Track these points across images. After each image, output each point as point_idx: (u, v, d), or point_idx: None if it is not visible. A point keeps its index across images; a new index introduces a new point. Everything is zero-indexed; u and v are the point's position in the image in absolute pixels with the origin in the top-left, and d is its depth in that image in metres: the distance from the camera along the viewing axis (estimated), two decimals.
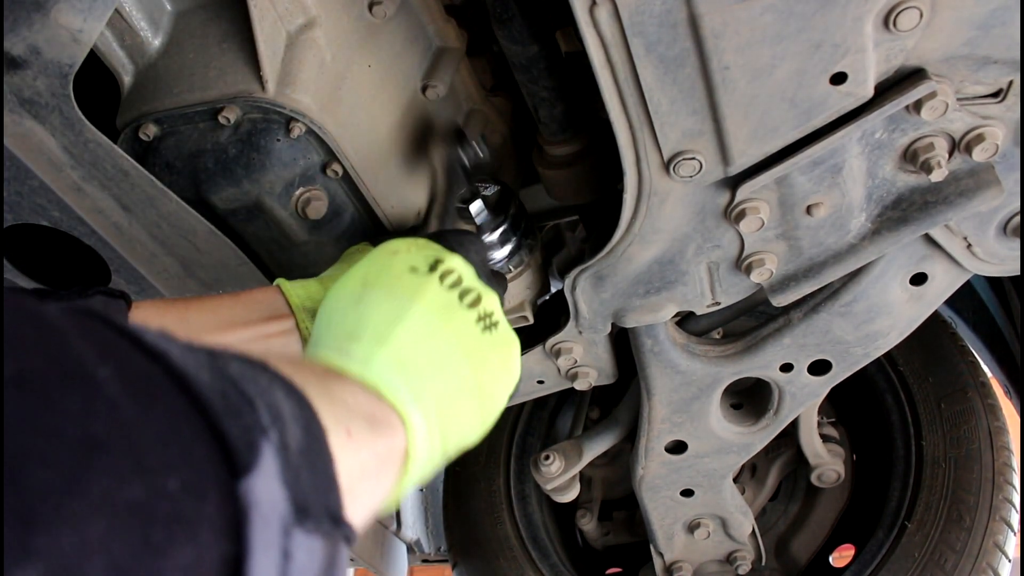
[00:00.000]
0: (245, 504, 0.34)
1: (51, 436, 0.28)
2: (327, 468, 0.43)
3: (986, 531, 1.53)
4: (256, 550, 0.34)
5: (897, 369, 1.70)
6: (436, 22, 0.99)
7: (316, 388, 0.48)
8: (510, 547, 1.84)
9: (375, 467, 0.51)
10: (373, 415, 0.53)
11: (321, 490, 0.42)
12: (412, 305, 0.65)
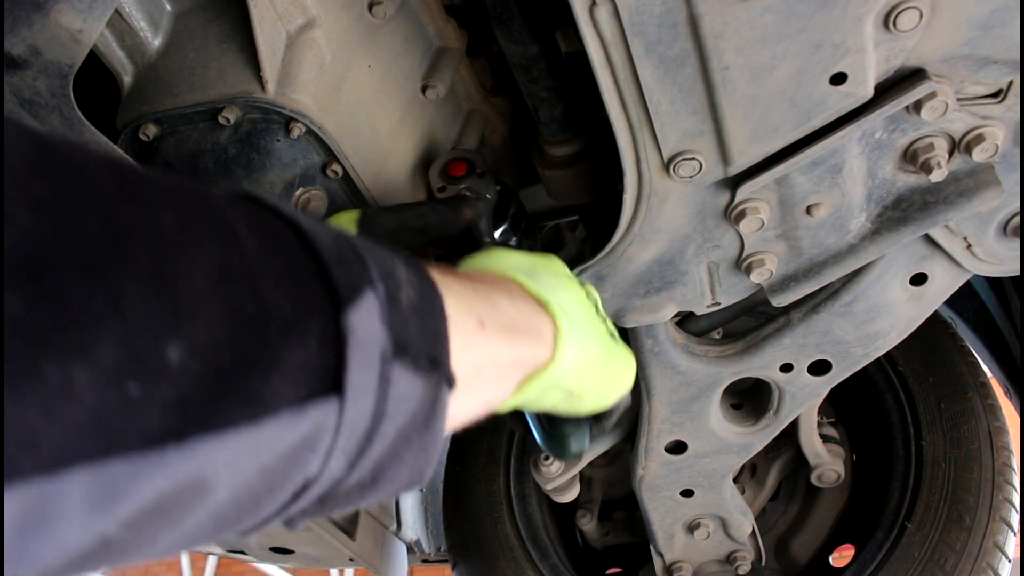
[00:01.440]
0: (344, 329, 0.42)
1: (195, 262, 0.37)
2: (436, 324, 0.51)
3: (986, 531, 1.53)
4: (353, 365, 0.43)
5: (897, 369, 1.70)
6: (436, 22, 0.99)
7: (463, 282, 0.57)
8: (510, 547, 1.84)
9: (508, 364, 0.60)
10: (525, 321, 0.62)
11: (426, 340, 0.49)
12: (576, 288, 0.75)
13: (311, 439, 0.43)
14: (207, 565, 7.06)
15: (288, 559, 2.07)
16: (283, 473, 0.43)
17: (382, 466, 0.49)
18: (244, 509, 0.43)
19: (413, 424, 0.50)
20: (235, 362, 0.38)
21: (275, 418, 0.40)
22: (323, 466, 0.45)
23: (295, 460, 0.43)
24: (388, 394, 0.47)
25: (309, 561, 2.12)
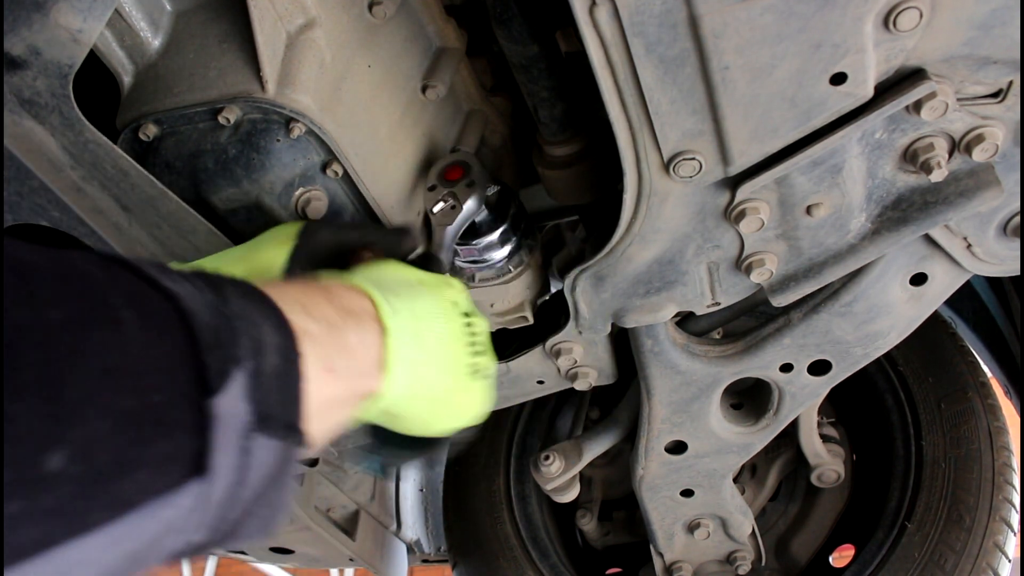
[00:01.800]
0: (210, 416, 0.47)
1: (81, 362, 0.41)
2: (295, 388, 0.56)
3: (986, 531, 1.53)
4: (217, 449, 0.48)
5: (897, 369, 1.70)
6: (436, 22, 0.99)
7: (320, 324, 0.62)
8: (510, 547, 1.84)
9: (347, 398, 0.65)
10: (366, 354, 0.67)
11: (285, 406, 0.55)
12: (447, 319, 0.79)
13: (174, 523, 0.48)
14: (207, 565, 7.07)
15: (288, 559, 2.07)
16: (146, 556, 0.47)
17: (238, 524, 0.55)
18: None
19: (268, 484, 0.55)
20: (112, 462, 0.42)
21: (139, 511, 0.44)
22: (186, 543, 0.50)
23: (158, 543, 0.47)
24: (249, 465, 0.52)
25: (309, 561, 2.12)
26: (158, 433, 0.45)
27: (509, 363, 1.31)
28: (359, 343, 0.67)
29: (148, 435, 0.44)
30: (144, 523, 0.45)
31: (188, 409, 0.47)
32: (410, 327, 0.72)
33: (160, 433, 0.45)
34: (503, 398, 1.41)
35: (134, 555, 0.46)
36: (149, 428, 0.44)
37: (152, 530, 0.46)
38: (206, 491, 0.48)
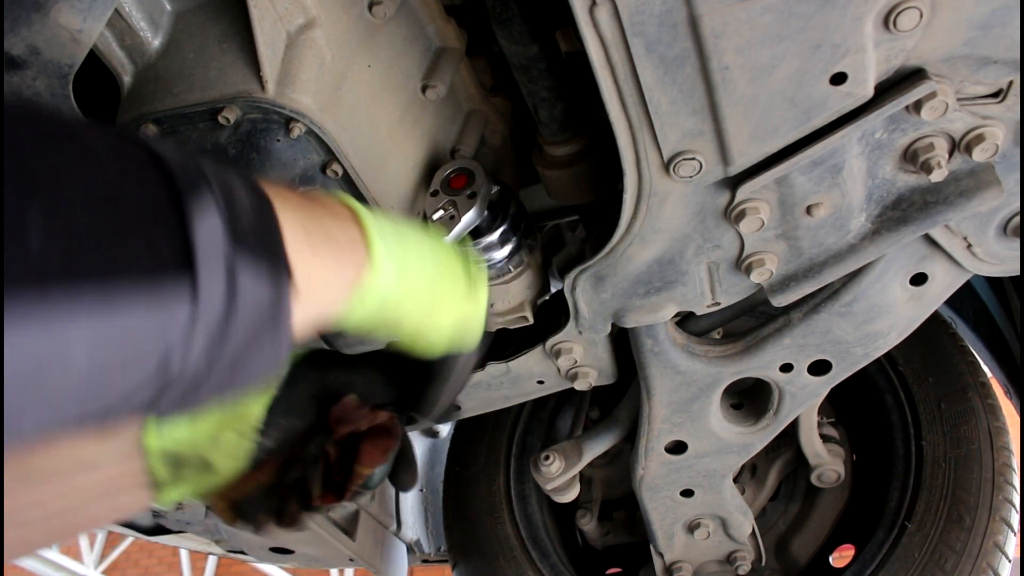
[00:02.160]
0: (188, 221, 0.50)
1: (54, 151, 0.46)
2: (271, 231, 0.58)
3: (986, 531, 1.53)
4: (200, 251, 0.50)
5: (897, 369, 1.70)
6: (436, 22, 0.99)
7: (297, 201, 0.65)
8: (510, 547, 1.84)
9: (334, 268, 0.67)
10: (346, 235, 0.70)
11: (263, 242, 0.57)
12: (429, 238, 0.83)
13: (167, 315, 0.49)
14: (207, 565, 7.06)
15: (288, 559, 2.07)
16: (136, 359, 0.49)
17: (239, 359, 0.56)
18: (106, 377, 0.49)
19: (262, 319, 0.57)
20: (92, 241, 0.45)
21: (125, 296, 0.47)
22: (184, 349, 0.51)
23: (147, 349, 0.49)
24: (236, 286, 0.53)
25: (309, 561, 2.12)
26: (139, 221, 0.48)
27: (509, 363, 1.31)
28: (340, 230, 0.70)
29: (127, 225, 0.47)
30: (130, 313, 0.47)
31: (167, 209, 0.50)
32: (391, 228, 0.76)
33: (141, 223, 0.48)
34: (503, 398, 1.41)
35: (124, 352, 0.48)
36: (127, 220, 0.47)
37: (140, 328, 0.48)
38: (200, 293, 0.50)
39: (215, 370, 0.56)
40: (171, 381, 0.53)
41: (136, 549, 7.27)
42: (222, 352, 0.55)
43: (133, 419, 0.59)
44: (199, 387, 0.56)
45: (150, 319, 0.48)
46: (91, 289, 0.45)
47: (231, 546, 2.01)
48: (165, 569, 7.33)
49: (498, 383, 1.36)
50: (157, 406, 0.54)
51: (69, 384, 0.46)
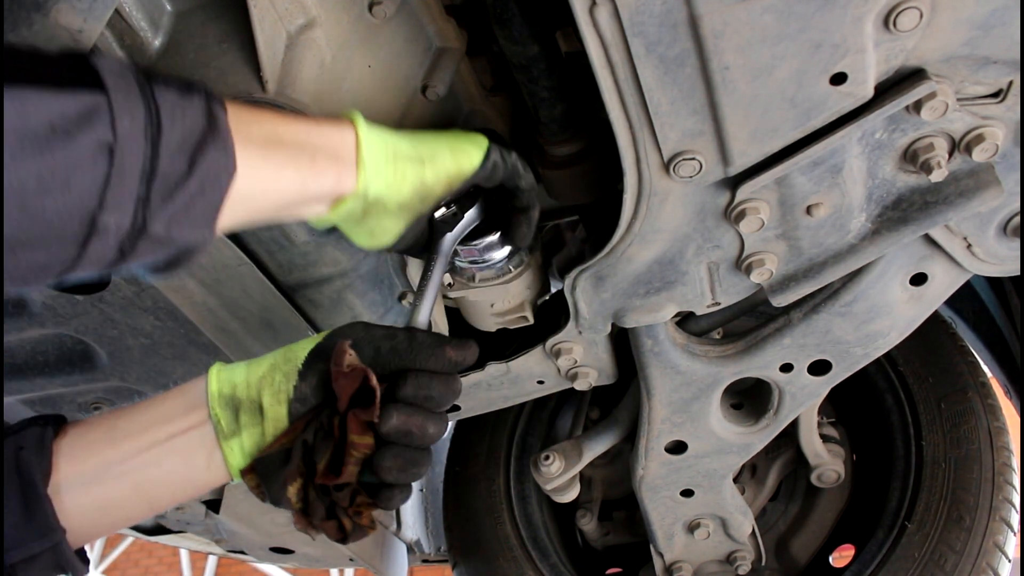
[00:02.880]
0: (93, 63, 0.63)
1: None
2: (192, 84, 0.69)
3: (986, 531, 1.53)
4: (104, 70, 0.62)
5: (897, 369, 1.70)
6: (436, 22, 0.99)
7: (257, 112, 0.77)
8: (510, 547, 1.84)
9: (302, 138, 0.79)
10: (320, 124, 0.83)
11: (179, 82, 0.68)
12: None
13: (86, 112, 0.59)
14: (207, 565, 7.06)
15: (288, 559, 2.07)
16: (73, 130, 0.58)
17: (193, 160, 0.66)
18: (43, 180, 0.58)
19: (199, 132, 0.66)
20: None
21: (36, 90, 0.57)
22: (117, 143, 0.61)
23: (77, 124, 0.58)
24: (155, 100, 0.63)
25: (309, 561, 2.12)
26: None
27: (509, 363, 1.31)
28: (326, 125, 0.82)
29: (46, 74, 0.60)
30: (46, 100, 0.57)
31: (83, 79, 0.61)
32: (386, 133, 0.87)
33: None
34: (503, 398, 1.41)
35: (56, 125, 0.57)
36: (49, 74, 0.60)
37: (57, 109, 0.58)
38: (114, 102, 0.60)
39: (170, 168, 0.64)
40: (123, 180, 0.61)
41: (136, 549, 7.27)
42: (164, 153, 0.63)
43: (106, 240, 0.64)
44: (166, 189, 0.64)
45: (69, 113, 0.58)
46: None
47: (231, 546, 2.01)
48: (165, 569, 7.33)
49: (498, 383, 1.36)
50: (147, 206, 0.63)
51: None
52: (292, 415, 0.81)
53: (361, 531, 0.83)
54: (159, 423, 0.82)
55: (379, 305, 1.25)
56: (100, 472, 0.80)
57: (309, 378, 0.82)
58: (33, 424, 0.81)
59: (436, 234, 1.02)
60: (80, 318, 1.20)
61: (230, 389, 0.83)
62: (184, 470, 0.82)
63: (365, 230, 0.92)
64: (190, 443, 0.82)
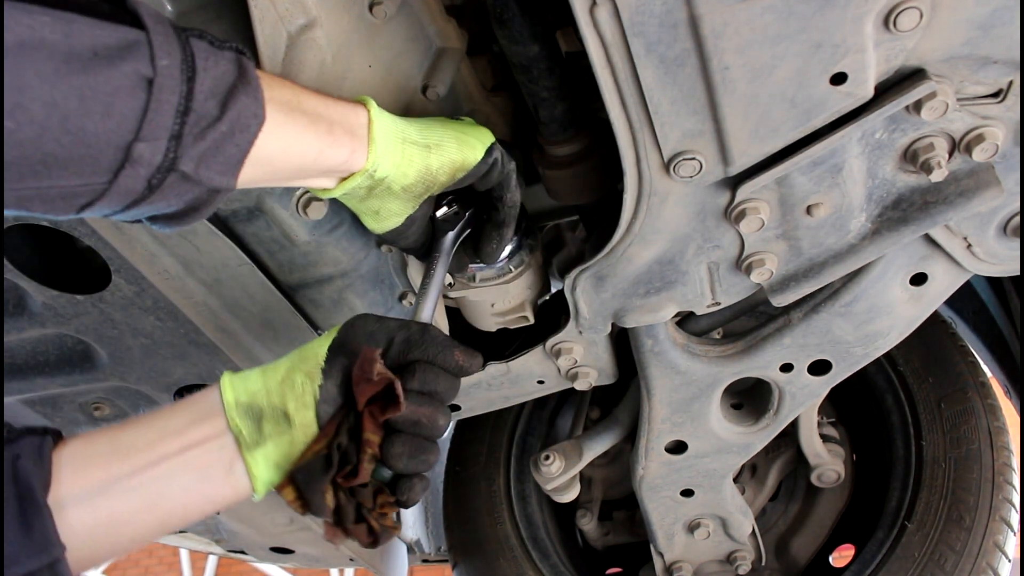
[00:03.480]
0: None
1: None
2: (224, 45, 0.71)
3: (986, 531, 1.53)
4: (144, 15, 0.64)
5: (897, 369, 1.70)
6: (436, 22, 0.99)
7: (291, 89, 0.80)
8: (510, 547, 1.84)
9: (320, 109, 0.80)
10: (338, 102, 0.85)
11: (214, 39, 0.69)
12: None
13: (127, 45, 0.61)
14: (207, 565, 7.06)
15: (288, 559, 2.07)
16: (115, 58, 0.61)
17: (224, 105, 0.68)
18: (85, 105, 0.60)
19: (230, 80, 0.68)
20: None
21: (82, 16, 0.60)
22: (156, 77, 0.63)
23: (119, 54, 0.61)
24: (190, 46, 0.66)
25: (309, 561, 2.12)
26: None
27: (509, 363, 1.31)
28: (341, 102, 0.84)
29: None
30: (90, 28, 0.60)
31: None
32: (396, 118, 0.89)
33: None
34: (503, 398, 1.41)
35: (96, 49, 0.60)
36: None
37: (102, 38, 0.60)
38: (154, 39, 0.63)
39: (205, 108, 0.66)
40: (159, 114, 0.63)
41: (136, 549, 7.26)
42: (200, 95, 0.66)
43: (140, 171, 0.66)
44: (205, 130, 0.66)
45: (111, 43, 0.61)
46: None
47: (231, 546, 2.01)
48: (165, 569, 7.33)
49: (498, 383, 1.36)
50: (179, 142, 0.65)
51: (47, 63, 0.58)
52: (320, 418, 0.79)
53: (388, 532, 0.82)
54: (169, 436, 0.78)
55: (380, 305, 1.25)
56: (106, 486, 0.75)
57: (333, 375, 0.80)
58: (30, 433, 0.76)
59: (438, 233, 1.03)
60: (80, 318, 1.20)
61: (247, 397, 0.80)
62: (200, 485, 0.78)
63: (371, 210, 0.93)
64: (206, 456, 0.78)
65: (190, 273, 1.12)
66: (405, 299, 1.28)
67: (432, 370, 0.83)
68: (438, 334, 0.86)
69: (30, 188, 0.62)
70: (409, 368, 0.83)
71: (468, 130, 0.96)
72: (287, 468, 0.80)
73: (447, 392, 0.85)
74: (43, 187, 0.62)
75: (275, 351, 1.29)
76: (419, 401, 0.81)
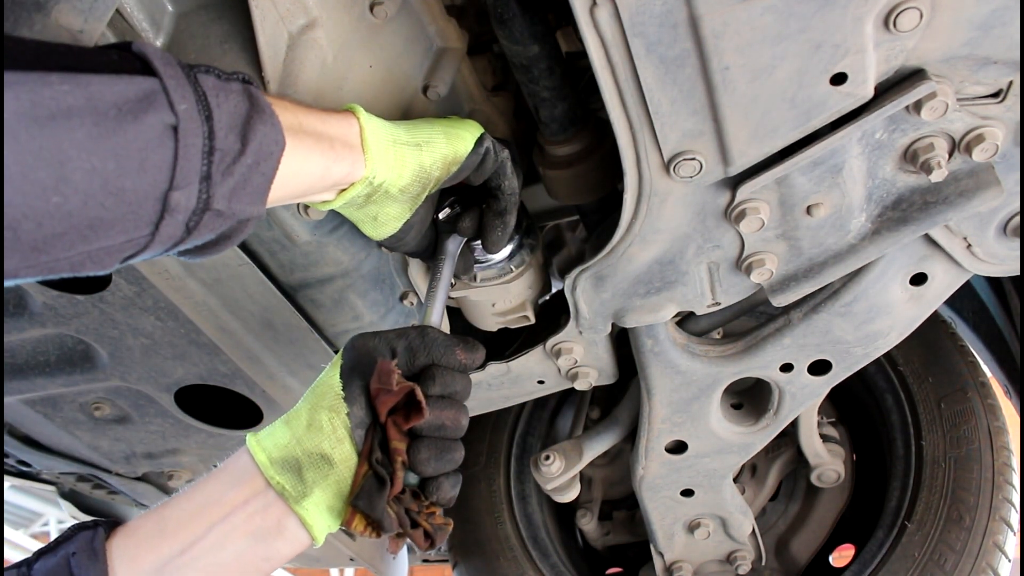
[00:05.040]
0: (140, 52, 0.66)
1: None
2: (232, 78, 0.71)
3: (986, 531, 1.54)
4: (153, 59, 0.65)
5: (897, 369, 1.70)
6: (437, 22, 0.99)
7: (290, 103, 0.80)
8: (510, 547, 1.84)
9: (320, 129, 0.81)
10: (332, 116, 0.84)
11: (220, 73, 0.70)
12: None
13: (145, 96, 0.62)
14: None
15: None
16: (139, 112, 0.61)
17: (245, 137, 0.68)
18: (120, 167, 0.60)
19: (244, 111, 0.69)
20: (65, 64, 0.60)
21: (96, 75, 0.59)
22: (180, 123, 0.63)
23: (141, 106, 0.61)
24: (200, 83, 0.66)
25: (309, 561, 2.12)
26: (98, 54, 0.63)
27: (510, 363, 1.31)
28: (333, 115, 0.84)
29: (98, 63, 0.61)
30: (108, 84, 0.60)
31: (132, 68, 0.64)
32: (384, 122, 0.90)
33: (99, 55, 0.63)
34: (504, 398, 1.41)
35: (119, 106, 0.60)
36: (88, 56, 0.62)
37: (121, 91, 0.60)
38: (167, 85, 0.63)
39: (225, 145, 0.66)
40: (188, 159, 0.64)
41: None
42: (220, 130, 0.66)
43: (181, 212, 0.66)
44: (231, 166, 0.67)
45: (130, 96, 0.61)
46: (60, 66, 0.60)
47: None
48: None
49: (499, 383, 1.36)
50: (210, 182, 0.66)
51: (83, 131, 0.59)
52: (357, 444, 0.80)
53: (443, 530, 0.84)
54: (211, 505, 0.79)
55: (380, 305, 1.25)
56: (160, 567, 0.76)
57: (355, 399, 0.81)
58: (82, 529, 0.78)
59: (442, 235, 1.03)
60: (81, 318, 1.20)
61: (280, 452, 0.81)
62: (253, 548, 0.79)
63: (369, 217, 0.93)
64: (253, 519, 0.79)
65: (190, 273, 1.12)
66: (406, 299, 1.28)
67: (447, 372, 0.84)
68: (437, 335, 0.87)
69: (81, 253, 0.62)
70: (426, 373, 0.84)
71: (456, 124, 0.96)
72: (342, 504, 0.80)
73: (464, 391, 0.86)
74: (92, 250, 0.63)
75: (275, 351, 1.29)
76: (440, 405, 0.83)
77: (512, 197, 1.01)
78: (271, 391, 1.36)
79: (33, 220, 0.57)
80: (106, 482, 1.73)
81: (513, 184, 1.01)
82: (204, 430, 1.48)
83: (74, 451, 1.59)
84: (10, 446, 1.58)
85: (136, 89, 0.62)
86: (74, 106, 0.58)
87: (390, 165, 0.88)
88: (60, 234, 0.59)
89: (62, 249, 0.61)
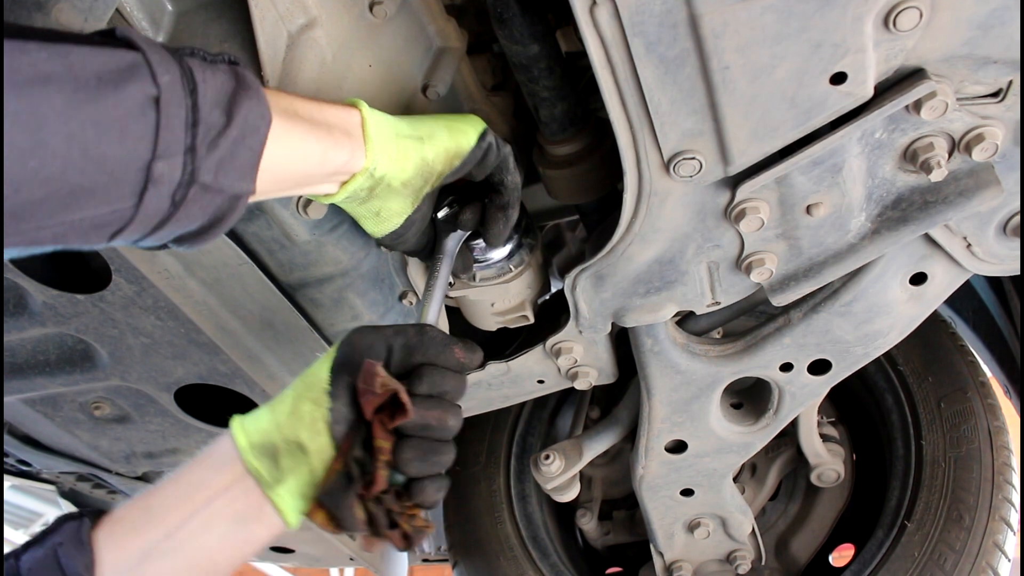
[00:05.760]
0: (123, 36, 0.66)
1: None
2: (221, 67, 0.71)
3: (986, 531, 1.54)
4: (136, 38, 0.65)
5: (897, 369, 1.70)
6: (437, 22, 0.99)
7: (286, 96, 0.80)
8: (510, 547, 1.84)
9: (317, 117, 0.81)
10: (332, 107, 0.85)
11: (208, 55, 0.71)
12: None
13: (128, 67, 0.62)
14: None
15: (288, 559, 2.07)
16: (119, 82, 0.61)
17: (230, 112, 0.69)
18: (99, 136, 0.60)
19: (230, 88, 0.69)
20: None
21: (77, 46, 0.60)
22: (161, 95, 0.63)
23: (122, 76, 0.62)
24: (185, 62, 0.66)
25: (309, 561, 2.12)
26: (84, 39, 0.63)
27: (509, 363, 1.31)
28: (333, 105, 0.84)
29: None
30: (90, 54, 0.60)
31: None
32: (386, 116, 0.90)
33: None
34: (503, 397, 1.42)
35: (101, 75, 0.60)
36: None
37: (103, 62, 0.61)
38: (151, 58, 0.63)
39: (210, 119, 0.67)
40: (171, 130, 0.64)
41: None
42: (205, 106, 0.66)
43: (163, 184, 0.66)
44: (216, 139, 0.67)
45: (112, 67, 0.61)
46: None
47: None
48: None
49: (498, 382, 1.36)
50: (195, 154, 0.66)
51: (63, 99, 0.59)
52: (336, 439, 0.80)
53: (421, 533, 0.83)
54: (194, 491, 0.80)
55: (380, 304, 1.25)
56: (146, 553, 0.77)
57: (340, 396, 0.81)
58: (68, 520, 0.78)
59: (440, 234, 1.03)
60: (81, 317, 1.20)
61: (260, 437, 0.81)
62: (235, 532, 0.79)
63: (371, 212, 0.94)
64: (234, 503, 0.79)
65: (190, 272, 1.12)
66: (405, 298, 1.28)
67: (438, 372, 0.84)
68: (436, 334, 0.86)
69: (63, 223, 0.62)
70: (415, 372, 0.83)
71: (458, 119, 0.96)
72: (313, 494, 0.80)
73: (455, 391, 0.86)
74: (75, 220, 0.63)
75: (275, 351, 1.29)
76: (428, 405, 0.82)
77: (515, 191, 1.01)
78: (271, 390, 1.36)
79: (11, 184, 0.57)
80: (106, 482, 1.73)
81: (516, 179, 1.01)
82: (204, 429, 1.48)
83: (74, 450, 1.59)
84: (10, 445, 1.58)
85: (118, 60, 0.62)
86: (53, 72, 0.58)
87: (392, 158, 0.89)
88: (40, 200, 0.59)
89: (43, 216, 0.61)
